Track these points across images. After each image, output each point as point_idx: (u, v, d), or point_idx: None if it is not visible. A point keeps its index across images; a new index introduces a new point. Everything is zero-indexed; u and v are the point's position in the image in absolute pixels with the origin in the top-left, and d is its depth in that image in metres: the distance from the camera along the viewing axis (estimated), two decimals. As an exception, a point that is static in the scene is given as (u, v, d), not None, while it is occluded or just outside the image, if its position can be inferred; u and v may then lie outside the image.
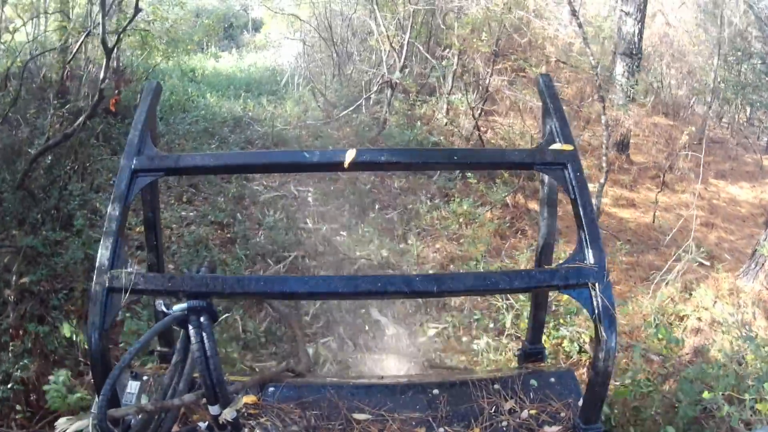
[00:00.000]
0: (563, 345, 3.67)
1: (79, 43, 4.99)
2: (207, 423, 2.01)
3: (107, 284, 1.84)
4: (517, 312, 3.93)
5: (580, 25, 5.27)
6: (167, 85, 9.15)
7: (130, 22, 4.45)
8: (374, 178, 6.11)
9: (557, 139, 2.13)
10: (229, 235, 4.70)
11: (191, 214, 5.14)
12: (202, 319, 1.83)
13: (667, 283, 4.68)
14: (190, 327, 1.83)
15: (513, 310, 3.95)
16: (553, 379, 2.34)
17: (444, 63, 8.44)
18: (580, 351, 3.64)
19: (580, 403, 2.15)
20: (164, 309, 1.90)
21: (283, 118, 8.42)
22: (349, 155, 2.00)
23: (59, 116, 4.59)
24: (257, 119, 8.45)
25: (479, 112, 7.41)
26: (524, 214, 5.44)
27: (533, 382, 2.33)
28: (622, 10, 8.68)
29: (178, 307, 1.85)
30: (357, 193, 5.67)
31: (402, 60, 8.32)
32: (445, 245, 4.66)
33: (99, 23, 5.02)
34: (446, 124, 7.83)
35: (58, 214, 4.37)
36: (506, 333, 3.81)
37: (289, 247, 4.57)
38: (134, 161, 2.04)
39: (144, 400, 2.15)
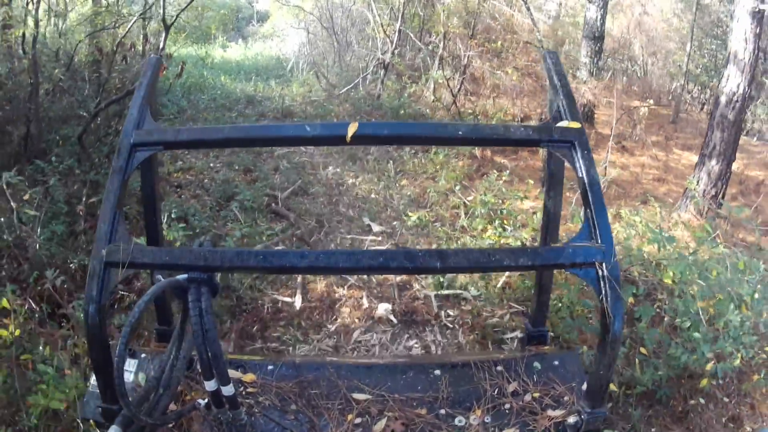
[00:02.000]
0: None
1: (132, 23, 6.05)
2: (206, 401, 1.96)
3: (105, 258, 1.80)
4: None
5: (528, 8, 6.47)
6: (185, 70, 10.43)
7: (189, 4, 5.65)
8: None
9: (564, 117, 2.11)
10: (251, 177, 5.93)
11: (218, 164, 6.37)
12: (202, 290, 1.80)
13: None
14: (189, 298, 1.80)
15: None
16: (556, 362, 2.33)
17: (431, 47, 9.66)
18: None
19: (584, 387, 2.12)
20: None
21: (290, 96, 9.58)
22: (351, 129, 1.96)
23: (113, 80, 5.79)
24: (267, 97, 9.60)
25: (458, 87, 8.62)
26: (489, 163, 6.66)
27: (536, 364, 2.31)
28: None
29: (180, 277, 1.83)
30: (353, 147, 6.91)
31: (394, 45, 9.54)
32: (423, 182, 5.90)
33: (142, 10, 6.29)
34: (433, 101, 9.04)
35: (109, 162, 5.54)
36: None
37: (302, 185, 5.82)
38: (133, 135, 2.01)
39: (141, 378, 2.15)
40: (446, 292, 4.03)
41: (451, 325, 3.74)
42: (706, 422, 3.73)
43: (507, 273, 4.15)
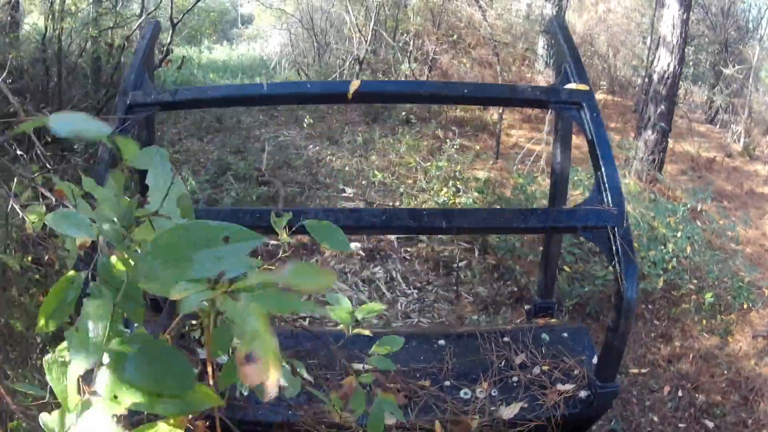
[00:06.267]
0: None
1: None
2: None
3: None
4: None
5: (481, 7, 7.41)
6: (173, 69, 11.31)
7: (194, 5, 6.41)
8: (344, 125, 8.23)
9: (572, 79, 2.09)
10: (241, 156, 6.78)
11: (211, 147, 7.21)
12: None
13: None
14: None
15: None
16: (565, 335, 2.26)
17: (401, 44, 10.57)
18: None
19: (594, 360, 2.07)
20: None
21: None
22: (353, 86, 1.90)
23: (120, 72, 6.61)
24: None
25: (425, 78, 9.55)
26: (449, 140, 7.61)
27: (545, 336, 2.24)
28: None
29: None
30: (331, 132, 7.80)
31: (368, 43, 10.43)
32: (391, 158, 6.79)
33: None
34: (404, 92, 9.93)
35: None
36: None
37: (287, 160, 6.69)
38: (130, 96, 1.98)
39: None
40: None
41: (409, 258, 4.61)
42: (635, 335, 4.48)
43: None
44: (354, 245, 4.62)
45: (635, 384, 4.08)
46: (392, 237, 4.83)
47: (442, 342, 2.19)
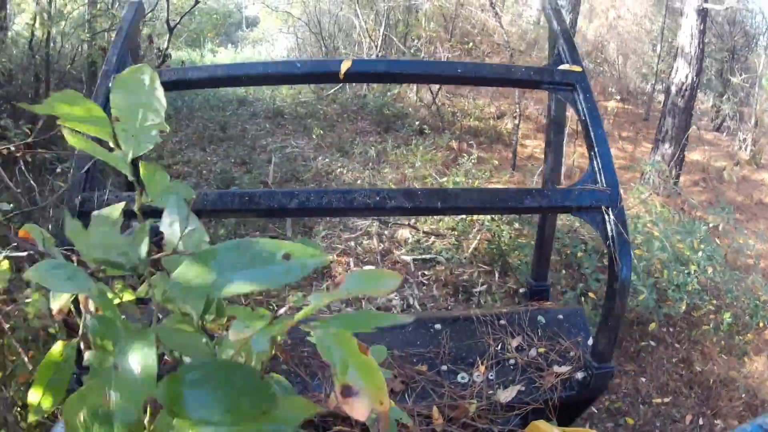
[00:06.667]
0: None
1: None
2: None
3: (78, 208, 1.70)
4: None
5: (497, 13, 7.16)
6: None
7: (193, 7, 6.16)
8: (355, 135, 7.98)
9: (565, 61, 2.09)
10: (246, 168, 6.52)
11: (214, 158, 6.92)
12: None
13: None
14: None
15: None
16: (561, 316, 2.26)
17: (412, 50, 10.32)
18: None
19: (590, 342, 2.09)
20: None
21: (280, 98, 10.07)
22: (345, 65, 1.88)
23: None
24: (258, 99, 10.07)
25: (438, 87, 9.29)
26: (464, 153, 7.33)
27: (540, 318, 2.25)
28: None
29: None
30: (342, 142, 7.53)
31: (378, 48, 10.19)
32: (404, 170, 6.54)
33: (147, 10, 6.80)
34: (416, 101, 9.70)
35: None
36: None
37: (294, 173, 6.42)
38: (112, 79, 1.85)
39: None
40: (423, 256, 4.65)
41: (426, 282, 4.37)
42: (657, 361, 4.39)
43: (477, 238, 4.77)
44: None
45: (658, 415, 4.01)
46: (408, 259, 4.60)
47: (438, 326, 2.17)
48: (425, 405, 1.89)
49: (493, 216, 5.22)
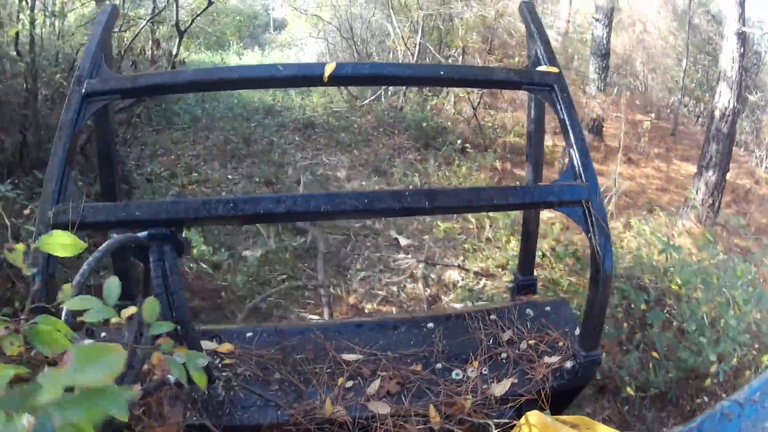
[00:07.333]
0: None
1: (141, 27, 5.82)
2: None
3: (51, 220, 1.65)
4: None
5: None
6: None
7: (204, 9, 5.74)
8: (393, 151, 7.85)
9: (542, 62, 2.15)
10: (272, 189, 5.98)
11: (236, 176, 6.35)
12: (165, 248, 1.62)
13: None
14: (151, 258, 1.62)
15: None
16: (548, 308, 2.33)
17: (450, 60, 10.19)
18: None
19: (577, 331, 2.15)
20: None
21: (310, 107, 9.62)
22: (329, 68, 1.89)
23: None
24: (287, 107, 9.53)
25: (478, 100, 9.18)
26: (508, 175, 7.21)
27: (529, 311, 2.31)
28: (594, 17, 10.47)
29: (140, 234, 1.64)
30: (378, 160, 7.26)
31: (415, 58, 10.04)
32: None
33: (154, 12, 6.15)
34: (453, 114, 9.56)
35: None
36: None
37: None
38: (85, 85, 1.86)
39: None
40: (476, 305, 4.49)
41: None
42: None
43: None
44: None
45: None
46: (458, 306, 4.44)
47: (431, 325, 2.22)
48: (422, 404, 1.92)
49: (552, 261, 5.00)
